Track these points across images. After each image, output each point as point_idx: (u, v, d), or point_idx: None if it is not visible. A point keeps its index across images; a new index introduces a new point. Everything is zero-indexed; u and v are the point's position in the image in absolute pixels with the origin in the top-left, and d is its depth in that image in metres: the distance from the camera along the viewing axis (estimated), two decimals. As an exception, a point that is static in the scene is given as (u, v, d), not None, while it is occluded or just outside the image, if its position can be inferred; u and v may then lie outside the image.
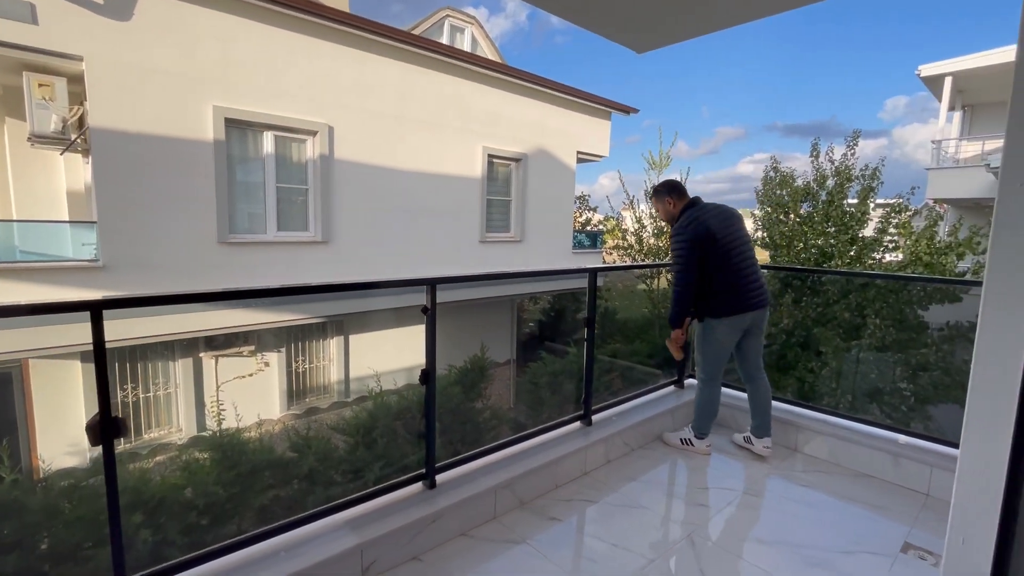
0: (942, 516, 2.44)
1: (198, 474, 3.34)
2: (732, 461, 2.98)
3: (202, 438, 4.44)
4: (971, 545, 1.24)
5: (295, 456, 4.04)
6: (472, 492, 2.20)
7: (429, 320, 2.11)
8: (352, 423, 4.44)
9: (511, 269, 10.44)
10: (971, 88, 13.12)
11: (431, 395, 2.15)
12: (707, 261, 2.74)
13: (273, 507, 3.54)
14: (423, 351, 2.14)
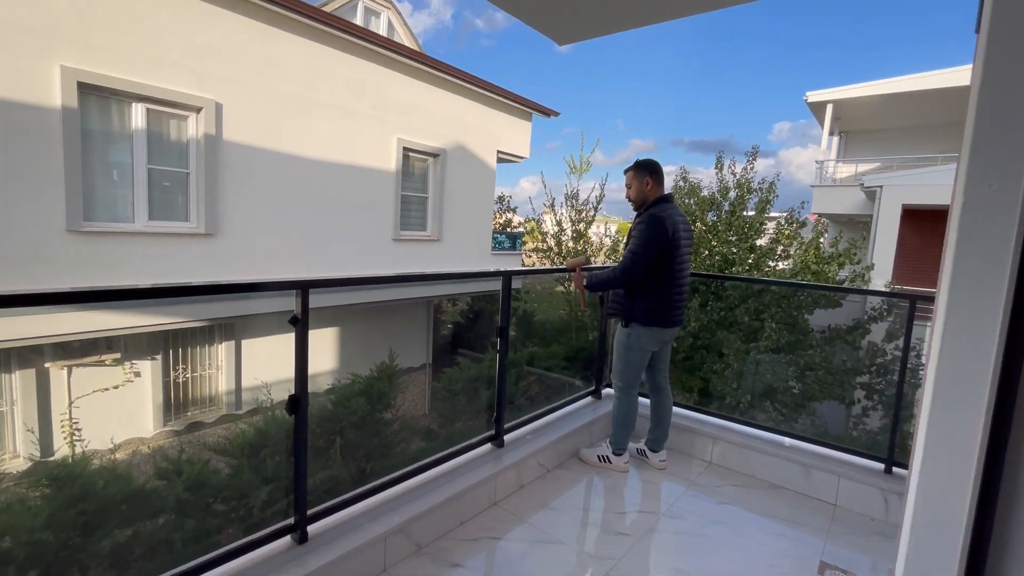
0: (851, 529, 2.42)
1: (20, 516, 2.62)
2: (648, 477, 2.82)
3: (47, 465, 3.60)
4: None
5: (163, 484, 3.37)
6: (356, 543, 1.79)
7: (299, 333, 1.67)
8: (236, 442, 3.81)
9: (426, 271, 9.95)
10: (847, 116, 14.66)
11: (301, 427, 1.72)
12: (656, 263, 2.57)
13: (131, 549, 2.88)
14: (327, 356, 1.71)
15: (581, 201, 12.44)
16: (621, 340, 2.75)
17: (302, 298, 1.65)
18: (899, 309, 7.88)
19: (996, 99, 0.98)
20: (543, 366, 9.58)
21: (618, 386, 2.80)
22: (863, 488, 2.55)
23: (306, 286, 1.65)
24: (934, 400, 1.06)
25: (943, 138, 13.95)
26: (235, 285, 1.74)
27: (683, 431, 3.14)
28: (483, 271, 2.64)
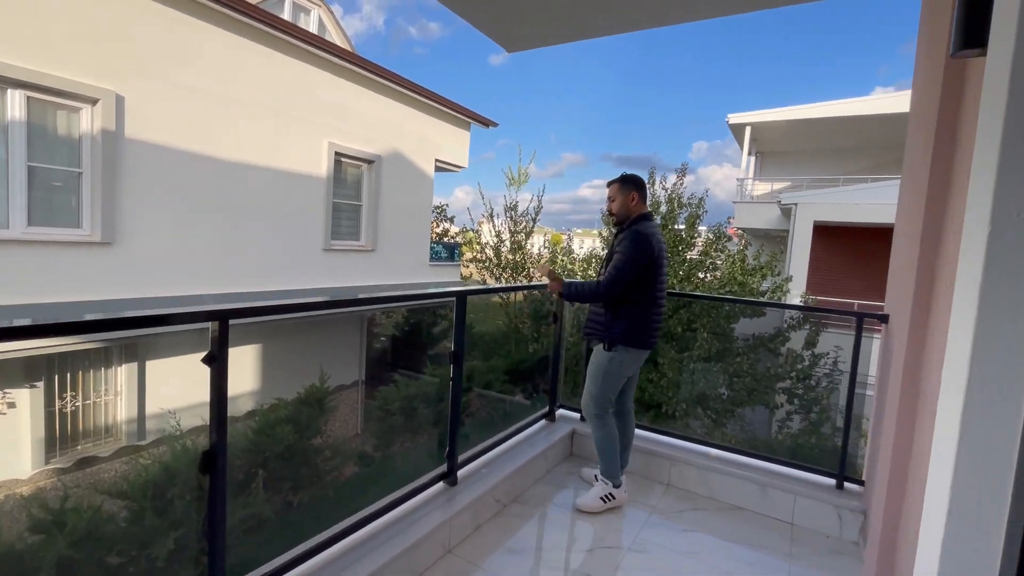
0: (811, 549, 2.40)
1: None
2: (627, 513, 2.67)
3: None
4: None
5: (39, 539, 2.78)
6: (287, 625, 1.48)
7: (216, 372, 1.35)
8: (137, 480, 3.26)
9: (363, 286, 9.43)
10: (762, 138, 15.80)
11: (219, 489, 1.39)
12: (641, 283, 2.46)
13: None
14: (249, 375, 1.38)
15: (520, 212, 12.43)
16: (601, 364, 2.57)
17: (220, 331, 1.34)
18: (814, 318, 8.45)
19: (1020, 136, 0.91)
20: (484, 381, 9.34)
21: (594, 413, 2.61)
22: (818, 505, 2.56)
23: (225, 316, 1.34)
24: (964, 426, 0.98)
25: (845, 161, 15.40)
26: (135, 319, 1.37)
27: (640, 453, 3.04)
28: (437, 292, 2.34)
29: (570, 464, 3.13)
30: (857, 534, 2.45)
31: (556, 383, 3.36)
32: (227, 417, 1.38)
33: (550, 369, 3.39)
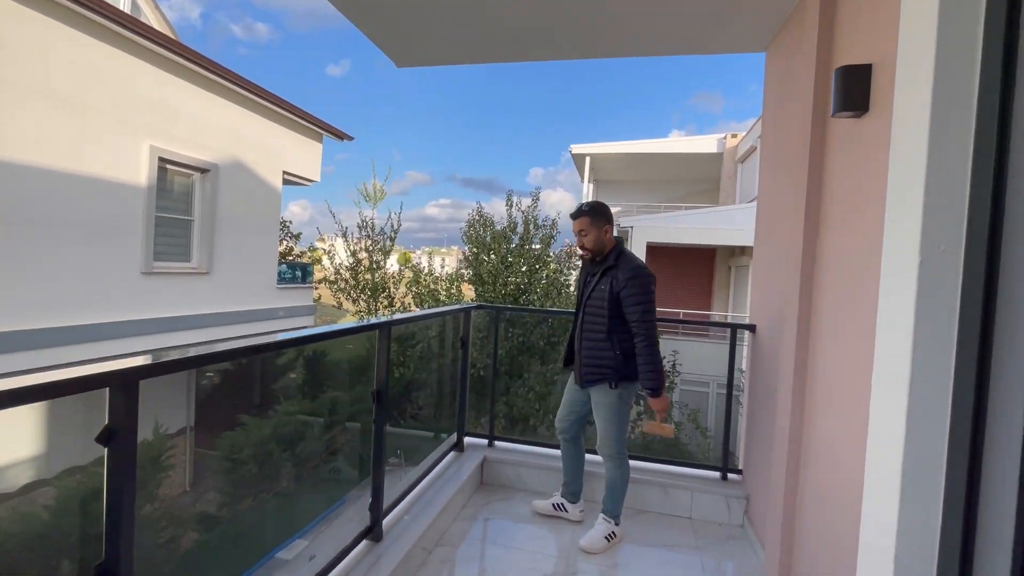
0: (712, 539, 2.67)
1: None
2: (534, 533, 2.65)
3: None
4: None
5: None
6: None
7: (116, 455, 1.00)
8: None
9: (194, 313, 8.01)
10: (599, 168, 17.71)
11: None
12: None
13: None
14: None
15: (377, 231, 11.92)
16: (612, 404, 2.47)
17: (125, 397, 0.99)
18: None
19: (941, 184, 1.14)
20: (348, 412, 8.65)
21: (615, 453, 2.51)
22: (710, 497, 2.87)
23: (135, 377, 1.00)
24: (910, 419, 1.17)
25: (664, 190, 18.05)
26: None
27: (548, 471, 3.09)
28: (362, 325, 2.05)
29: (483, 495, 3.03)
30: (742, 516, 2.81)
31: (464, 412, 3.24)
32: (134, 519, 1.02)
33: (457, 398, 3.26)
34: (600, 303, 2.45)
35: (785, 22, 2.60)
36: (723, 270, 15.08)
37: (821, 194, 1.98)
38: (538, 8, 2.66)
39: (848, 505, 1.56)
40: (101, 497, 0.99)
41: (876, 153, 1.52)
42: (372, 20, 3.00)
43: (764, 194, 2.83)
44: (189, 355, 1.11)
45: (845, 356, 1.70)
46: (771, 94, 2.88)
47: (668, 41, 3.04)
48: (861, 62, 1.66)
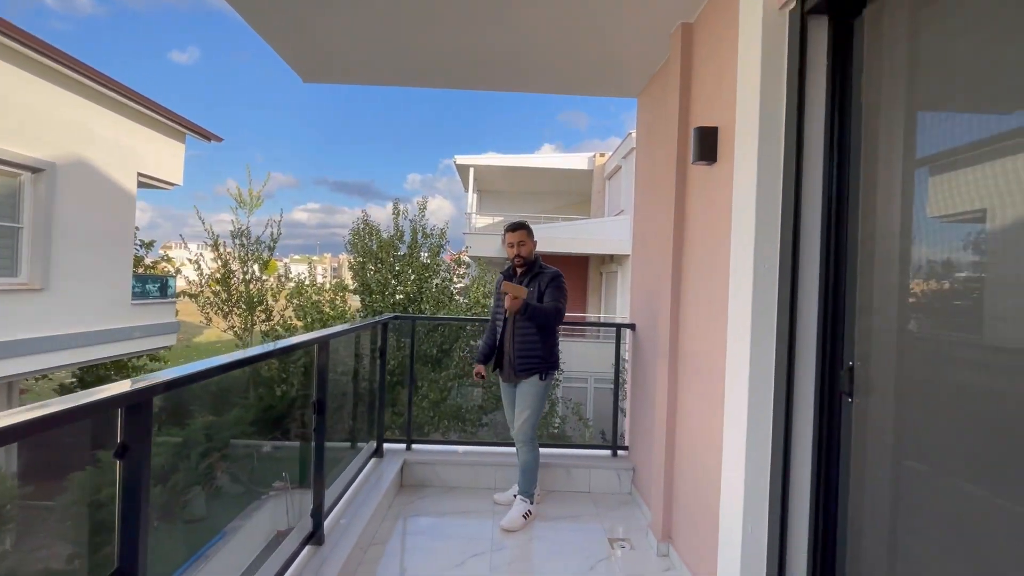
0: (608, 507, 3.15)
1: None
2: (455, 523, 2.90)
3: None
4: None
5: None
6: None
7: (126, 468, 1.08)
8: None
9: (24, 337, 6.78)
10: (480, 178, 18.32)
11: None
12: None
13: None
14: None
15: (253, 239, 11.10)
16: (539, 393, 2.87)
17: (137, 415, 1.08)
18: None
19: (765, 216, 1.67)
20: (226, 436, 8.00)
21: (529, 437, 2.88)
22: (605, 473, 3.37)
23: (148, 395, 1.09)
24: (751, 406, 1.67)
25: (541, 202, 19.25)
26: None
27: (465, 466, 3.36)
28: (304, 340, 2.05)
29: (406, 495, 3.20)
30: (630, 485, 3.35)
31: (383, 419, 3.37)
32: (148, 526, 1.10)
33: (376, 407, 3.37)
34: (546, 300, 2.87)
35: (653, 76, 3.21)
36: (596, 276, 16.56)
37: (685, 222, 2.55)
38: (450, 42, 2.94)
39: (712, 468, 2.06)
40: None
41: (723, 192, 2.07)
42: (281, 35, 3.03)
43: (639, 221, 3.43)
44: (197, 370, 1.20)
45: (706, 345, 2.24)
46: (642, 134, 3.49)
47: (560, 82, 3.52)
48: (710, 125, 2.23)
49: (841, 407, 1.53)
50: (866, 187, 1.49)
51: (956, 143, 1.23)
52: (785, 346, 1.63)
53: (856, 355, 1.48)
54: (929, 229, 1.28)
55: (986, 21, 1.14)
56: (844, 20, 1.58)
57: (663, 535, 2.61)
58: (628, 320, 3.52)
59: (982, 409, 1.11)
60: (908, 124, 1.36)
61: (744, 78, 1.82)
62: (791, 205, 1.65)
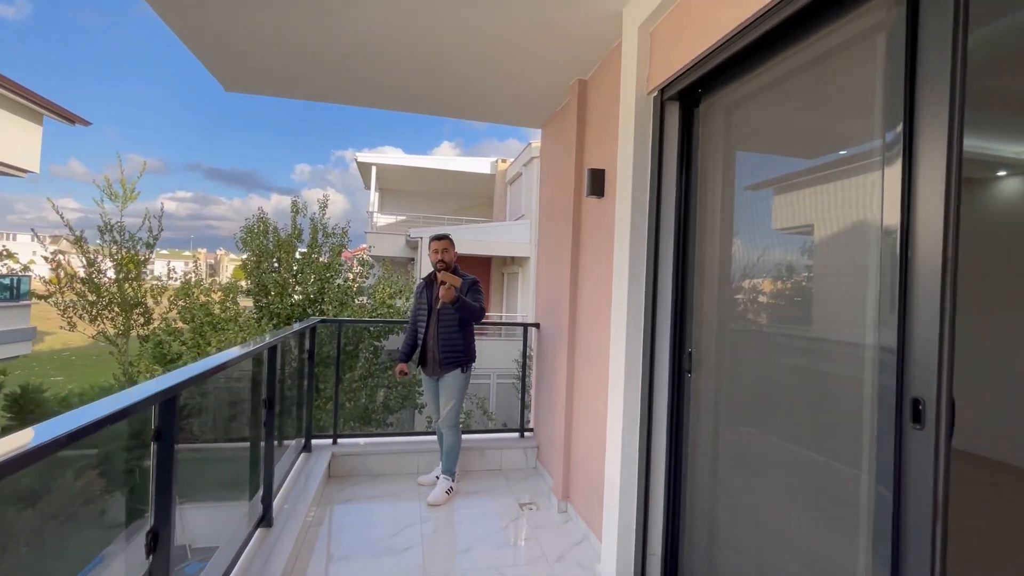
0: (518, 479, 3.69)
1: None
2: (389, 504, 3.25)
3: None
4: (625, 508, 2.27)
5: None
6: None
7: (161, 450, 1.35)
8: None
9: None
10: (383, 177, 18.15)
11: (160, 568, 1.35)
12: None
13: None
14: None
15: (127, 236, 10.09)
16: (461, 385, 3.27)
17: (167, 408, 1.35)
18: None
19: (637, 238, 2.29)
20: (103, 454, 7.39)
21: (454, 423, 3.28)
22: (514, 452, 3.91)
23: (176, 392, 1.36)
24: (626, 383, 2.28)
25: (444, 202, 19.53)
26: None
27: (391, 455, 3.70)
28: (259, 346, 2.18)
29: (335, 485, 3.46)
30: (535, 460, 3.93)
31: (311, 417, 3.58)
32: (175, 494, 1.38)
33: (305, 406, 3.57)
34: (451, 306, 3.25)
35: (555, 114, 3.80)
36: (498, 277, 17.27)
37: (580, 241, 3.16)
38: (376, 72, 3.25)
39: (600, 436, 2.66)
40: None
41: (608, 220, 2.68)
42: (204, 43, 3.09)
43: (543, 237, 4.01)
44: (209, 367, 1.48)
45: (595, 338, 2.85)
46: (546, 160, 4.08)
47: (474, 111, 3.98)
48: (599, 167, 2.84)
49: (684, 380, 2.19)
50: (700, 224, 2.15)
51: (753, 189, 1.91)
52: (650, 337, 2.26)
53: (692, 343, 2.14)
54: (732, 256, 1.95)
55: (759, 117, 1.83)
56: (689, 107, 2.25)
57: (563, 496, 3.20)
58: (533, 320, 4.09)
59: (761, 375, 1.79)
60: (726, 172, 2.03)
61: (623, 138, 2.43)
62: (654, 233, 2.29)
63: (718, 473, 2.00)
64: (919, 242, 1.23)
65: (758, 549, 1.77)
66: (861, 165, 1.44)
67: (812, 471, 1.56)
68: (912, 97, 1.25)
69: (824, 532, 1.52)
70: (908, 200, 1.26)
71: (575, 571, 2.53)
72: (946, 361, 1.18)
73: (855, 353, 1.42)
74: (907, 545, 1.23)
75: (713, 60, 1.89)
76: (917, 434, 1.22)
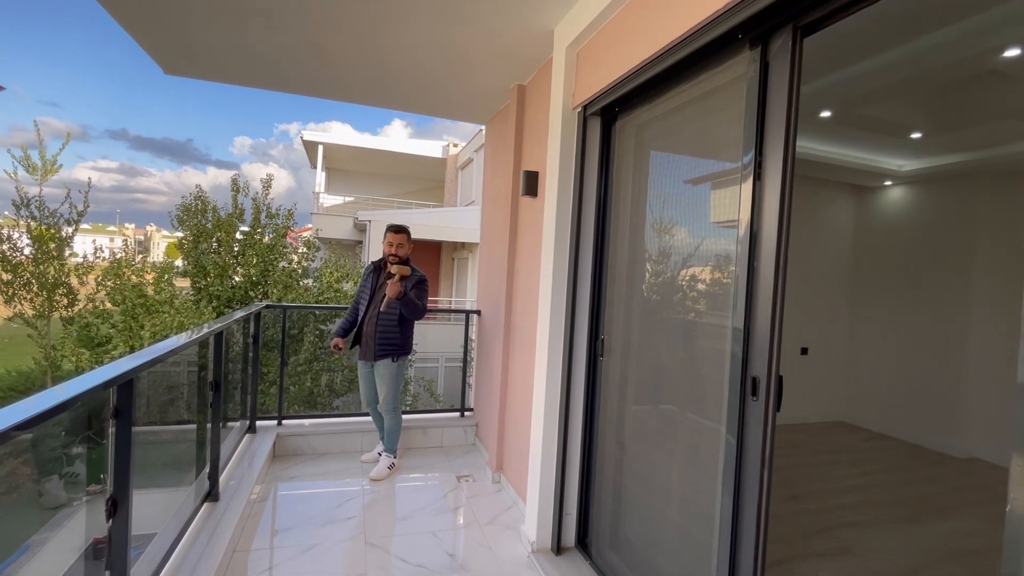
0: (456, 455, 3.97)
1: None
2: (337, 480, 3.44)
3: None
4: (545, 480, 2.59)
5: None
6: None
7: (120, 429, 1.50)
8: None
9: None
10: (330, 156, 17.69)
11: (120, 533, 1.51)
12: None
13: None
14: None
15: (50, 211, 9.44)
16: (394, 373, 3.44)
17: (126, 390, 1.50)
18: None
19: (560, 234, 2.57)
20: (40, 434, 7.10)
21: (394, 408, 3.48)
22: (454, 430, 4.18)
23: (132, 376, 1.51)
24: (549, 367, 2.58)
25: (396, 185, 19.29)
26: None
27: (335, 435, 3.87)
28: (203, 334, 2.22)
29: (280, 463, 3.61)
30: (474, 437, 4.22)
31: (256, 399, 3.69)
32: (132, 464, 1.53)
33: (250, 389, 3.67)
34: (396, 301, 3.39)
35: (498, 112, 4.02)
36: (448, 261, 17.36)
37: (517, 236, 3.43)
38: (323, 64, 3.34)
39: (528, 418, 2.96)
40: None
41: (540, 218, 2.95)
42: (139, 23, 3.03)
43: (485, 229, 4.24)
44: (163, 351, 1.62)
45: (527, 324, 3.14)
46: (489, 155, 4.29)
47: (420, 106, 4.12)
48: (533, 169, 3.10)
49: (598, 363, 2.52)
50: (614, 225, 2.46)
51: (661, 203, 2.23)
52: (570, 323, 2.56)
53: (604, 331, 2.47)
54: (637, 253, 2.28)
55: (662, 136, 2.14)
56: (608, 122, 2.53)
57: (497, 468, 3.51)
58: (476, 307, 4.34)
59: (656, 356, 2.13)
60: (636, 183, 2.33)
61: (551, 147, 2.69)
62: (575, 231, 2.58)
63: (623, 443, 2.35)
64: (763, 242, 1.55)
65: (648, 502, 2.13)
66: (731, 179, 1.76)
67: (688, 432, 1.91)
68: (762, 129, 1.58)
69: (695, 478, 1.88)
70: (757, 207, 1.58)
71: (502, 532, 2.84)
72: (776, 345, 1.53)
73: (722, 335, 1.76)
74: (745, 484, 1.59)
75: (627, 85, 2.17)
76: (754, 404, 1.57)
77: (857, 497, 3.43)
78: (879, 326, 5.16)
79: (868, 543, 2.83)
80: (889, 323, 5.08)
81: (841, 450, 4.39)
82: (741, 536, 1.59)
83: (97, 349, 9.64)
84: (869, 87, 3.11)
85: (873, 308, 5.24)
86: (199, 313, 9.78)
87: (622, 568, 2.26)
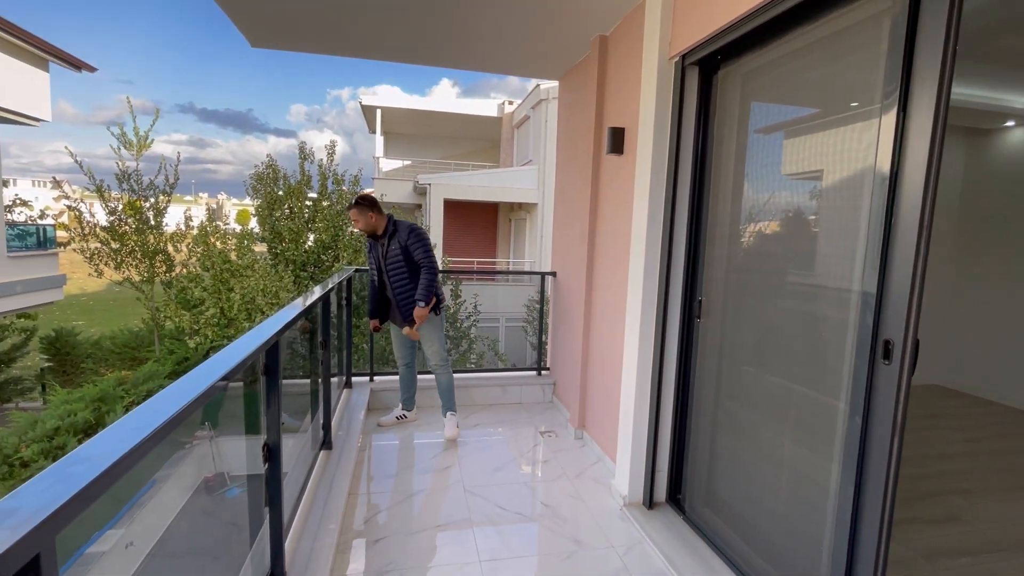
0: (538, 412, 4.10)
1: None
2: (422, 434, 3.67)
3: None
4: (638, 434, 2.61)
5: None
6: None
7: (269, 382, 1.66)
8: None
9: None
10: (387, 120, 17.85)
11: (275, 474, 1.70)
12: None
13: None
14: None
15: (145, 185, 10.21)
16: (437, 326, 3.42)
17: (272, 350, 1.65)
18: (455, 276, 10.80)
19: (655, 198, 2.50)
20: (143, 389, 7.93)
21: (443, 362, 3.48)
22: (532, 388, 4.30)
23: (277, 337, 1.66)
24: (641, 346, 2.58)
25: (452, 147, 19.29)
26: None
27: (421, 392, 4.09)
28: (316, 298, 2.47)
29: (373, 415, 3.87)
30: (552, 395, 4.33)
31: (351, 358, 3.95)
32: (280, 414, 1.71)
33: (344, 347, 3.92)
34: (397, 260, 3.31)
35: (574, 67, 3.88)
36: (505, 223, 17.38)
37: (599, 197, 3.36)
38: (400, 19, 3.28)
39: (615, 374, 2.98)
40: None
41: (627, 177, 2.87)
42: (237, 1, 3.15)
43: (560, 189, 4.19)
44: (297, 313, 1.77)
45: (612, 286, 3.13)
46: (564, 113, 4.18)
47: (492, 63, 4.03)
48: (620, 125, 3.00)
49: (694, 325, 2.48)
50: (714, 182, 2.36)
51: (763, 161, 2.12)
52: (664, 284, 2.53)
53: (703, 292, 2.41)
54: (740, 211, 2.19)
55: (775, 85, 2.00)
56: (708, 73, 2.39)
57: (579, 425, 3.60)
58: (550, 269, 4.36)
59: (762, 320, 2.08)
60: (740, 137, 2.22)
61: (645, 101, 2.58)
62: (671, 191, 2.50)
63: (721, 403, 2.33)
64: (905, 191, 1.43)
65: (749, 464, 2.13)
66: (863, 123, 1.62)
67: (799, 400, 1.87)
68: (909, 66, 1.42)
69: (806, 441, 1.85)
70: (899, 152, 1.45)
71: (592, 485, 2.94)
72: (916, 304, 1.44)
73: (843, 298, 1.68)
74: (870, 457, 1.55)
75: (735, 32, 2.03)
76: (885, 368, 1.51)
77: (963, 464, 3.26)
78: (989, 284, 4.72)
79: (978, 511, 2.71)
80: (1001, 281, 4.63)
81: (941, 415, 4.15)
82: (865, 500, 1.57)
83: (193, 310, 10.56)
84: (1005, 14, 2.73)
85: (983, 265, 4.79)
86: (279, 276, 10.41)
87: (718, 524, 2.30)
